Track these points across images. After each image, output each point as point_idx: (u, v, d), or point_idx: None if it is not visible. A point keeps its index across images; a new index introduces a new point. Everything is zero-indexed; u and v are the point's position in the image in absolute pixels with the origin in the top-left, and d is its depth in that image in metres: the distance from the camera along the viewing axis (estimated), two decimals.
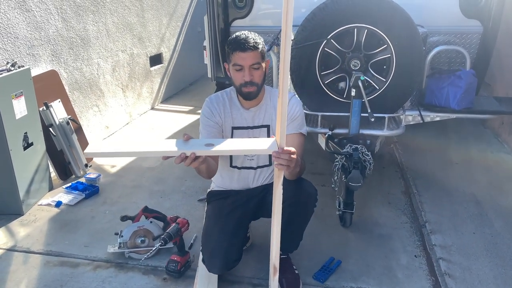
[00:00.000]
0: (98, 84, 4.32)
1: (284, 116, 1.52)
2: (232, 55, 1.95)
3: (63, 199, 3.09)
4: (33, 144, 3.01)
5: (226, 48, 2.00)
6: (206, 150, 1.61)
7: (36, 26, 3.38)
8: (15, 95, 2.83)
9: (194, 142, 1.64)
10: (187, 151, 1.57)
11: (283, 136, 1.57)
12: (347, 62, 2.75)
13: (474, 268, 2.32)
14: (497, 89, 4.23)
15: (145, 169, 3.65)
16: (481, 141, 4.11)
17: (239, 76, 1.97)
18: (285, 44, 1.40)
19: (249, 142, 1.81)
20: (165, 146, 1.62)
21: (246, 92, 2.00)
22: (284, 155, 1.59)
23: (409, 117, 3.01)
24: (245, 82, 1.97)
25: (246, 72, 1.95)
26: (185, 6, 6.60)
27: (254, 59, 1.93)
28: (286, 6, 1.33)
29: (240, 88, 2.01)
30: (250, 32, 1.97)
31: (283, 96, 1.48)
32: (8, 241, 2.62)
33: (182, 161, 1.58)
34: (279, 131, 1.57)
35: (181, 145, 1.61)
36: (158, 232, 2.46)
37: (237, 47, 1.92)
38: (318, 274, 2.28)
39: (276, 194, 1.68)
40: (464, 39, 3.11)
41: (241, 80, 1.98)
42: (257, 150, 1.73)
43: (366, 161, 2.53)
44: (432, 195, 3.10)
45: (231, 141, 1.79)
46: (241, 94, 2.05)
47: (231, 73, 2.02)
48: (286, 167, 1.62)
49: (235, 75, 1.99)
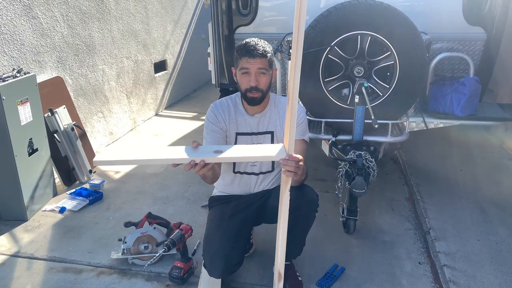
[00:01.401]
0: (103, 91, 4.34)
1: (293, 122, 1.52)
2: (241, 60, 1.96)
3: (67, 205, 3.10)
4: (38, 150, 3.03)
5: (235, 53, 2.01)
6: (215, 157, 1.61)
7: (42, 33, 3.42)
8: (21, 101, 2.85)
9: (203, 149, 1.65)
10: (196, 158, 1.57)
11: (291, 143, 1.58)
12: (351, 69, 2.75)
13: (479, 276, 2.30)
14: (501, 96, 4.22)
15: (148, 175, 3.66)
16: (485, 147, 4.10)
17: (245, 81, 1.98)
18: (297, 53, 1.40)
19: (257, 148, 1.81)
20: (174, 154, 1.62)
21: (251, 97, 2.01)
22: (291, 162, 1.60)
23: (412, 123, 3.01)
24: (251, 87, 1.98)
25: (252, 77, 1.96)
26: (190, 13, 6.65)
27: (261, 64, 1.95)
28: (298, 14, 1.34)
29: (245, 93, 2.01)
30: (260, 40, 1.99)
31: (293, 103, 1.48)
32: (12, 247, 2.62)
33: (191, 168, 1.59)
34: (288, 138, 1.58)
35: (190, 152, 1.61)
36: (161, 238, 2.46)
37: (246, 53, 1.94)
38: (321, 281, 2.27)
39: (282, 200, 1.68)
40: (468, 46, 3.12)
41: (246, 84, 1.98)
42: (266, 156, 1.74)
43: (370, 167, 2.53)
44: (436, 201, 3.09)
45: (239, 147, 1.79)
46: (246, 99, 2.05)
47: (238, 77, 2.03)
48: (294, 173, 1.63)
49: (241, 79, 2.00)
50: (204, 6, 6.94)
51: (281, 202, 1.69)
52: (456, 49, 3.11)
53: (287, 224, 1.74)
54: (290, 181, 1.67)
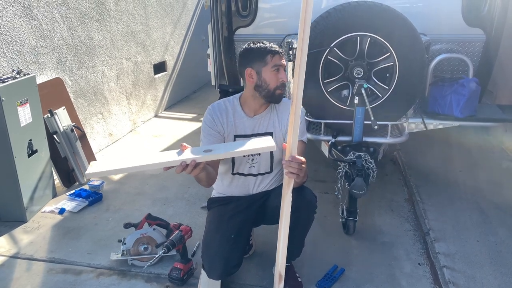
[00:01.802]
0: (103, 92, 4.34)
1: (296, 124, 1.52)
2: (273, 57, 1.99)
3: (66, 206, 3.10)
4: (37, 151, 3.03)
5: (257, 53, 2.00)
6: (206, 155, 1.63)
7: (41, 34, 3.42)
8: (20, 102, 2.85)
9: (193, 150, 1.67)
10: (187, 159, 1.58)
11: (294, 144, 1.58)
12: (350, 70, 2.76)
13: (478, 277, 2.30)
14: (500, 97, 4.22)
15: (148, 176, 3.66)
16: (484, 148, 4.10)
17: (276, 78, 2.01)
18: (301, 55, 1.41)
19: (246, 142, 1.80)
20: (164, 157, 1.64)
21: (279, 93, 2.04)
22: (294, 164, 1.63)
23: (412, 124, 3.01)
24: (281, 84, 2.02)
25: (282, 73, 2.02)
26: (189, 14, 6.65)
27: (285, 62, 2.05)
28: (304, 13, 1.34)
29: (275, 91, 2.03)
30: None
31: (297, 104, 1.48)
32: (12, 248, 2.62)
33: (183, 169, 1.60)
34: (291, 139, 1.58)
35: (181, 154, 1.63)
36: (161, 240, 2.46)
37: (275, 52, 2.00)
38: (321, 282, 2.27)
39: (284, 202, 1.69)
40: (467, 47, 3.12)
41: (277, 81, 2.01)
42: (255, 149, 1.74)
43: (370, 168, 2.53)
44: (435, 202, 3.09)
45: (228, 144, 1.80)
46: (273, 97, 2.05)
47: (266, 75, 2.00)
48: (297, 175, 1.65)
49: (273, 77, 2.01)
50: (203, 8, 6.95)
51: (283, 203, 1.69)
52: (456, 51, 3.11)
53: (288, 225, 1.74)
54: (292, 183, 1.67)
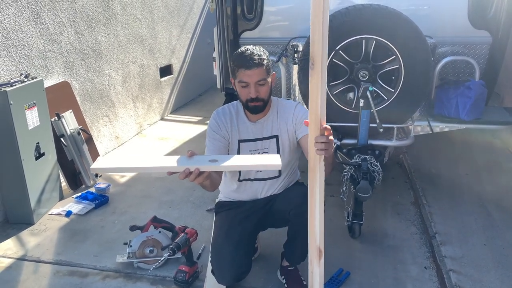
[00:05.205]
0: (109, 95, 4.37)
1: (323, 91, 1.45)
2: (238, 72, 1.95)
3: (73, 209, 3.12)
4: (44, 154, 3.06)
5: (232, 64, 2.01)
6: (210, 165, 1.62)
7: (49, 38, 3.45)
8: (28, 105, 2.88)
9: (198, 158, 1.66)
10: (191, 167, 1.58)
11: (323, 111, 1.49)
12: (356, 73, 2.76)
13: (485, 281, 2.28)
14: (507, 100, 4.19)
15: (154, 179, 3.68)
16: (491, 152, 4.07)
17: (245, 93, 1.98)
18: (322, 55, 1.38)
19: (252, 158, 1.81)
20: (169, 162, 1.64)
21: (253, 106, 2.02)
22: (321, 138, 1.50)
23: (418, 127, 3.00)
24: (251, 99, 1.98)
25: (252, 89, 1.95)
26: (195, 18, 6.68)
27: (259, 75, 1.93)
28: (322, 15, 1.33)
29: (247, 103, 2.02)
30: (255, 47, 1.97)
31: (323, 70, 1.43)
32: (19, 250, 2.64)
33: (186, 176, 1.58)
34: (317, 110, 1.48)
35: (185, 161, 1.62)
36: (166, 242, 2.46)
37: (242, 64, 1.92)
38: (327, 286, 2.26)
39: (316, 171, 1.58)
40: (473, 50, 3.11)
41: (247, 96, 1.99)
42: (261, 165, 1.72)
43: (375, 171, 2.53)
44: (442, 205, 3.07)
45: (235, 157, 1.79)
46: (248, 108, 2.05)
47: (237, 89, 2.03)
48: (325, 151, 1.52)
49: (241, 91, 2.00)
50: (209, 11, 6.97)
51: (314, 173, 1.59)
52: (462, 53, 3.10)
53: (323, 197, 1.63)
54: (321, 159, 1.56)
